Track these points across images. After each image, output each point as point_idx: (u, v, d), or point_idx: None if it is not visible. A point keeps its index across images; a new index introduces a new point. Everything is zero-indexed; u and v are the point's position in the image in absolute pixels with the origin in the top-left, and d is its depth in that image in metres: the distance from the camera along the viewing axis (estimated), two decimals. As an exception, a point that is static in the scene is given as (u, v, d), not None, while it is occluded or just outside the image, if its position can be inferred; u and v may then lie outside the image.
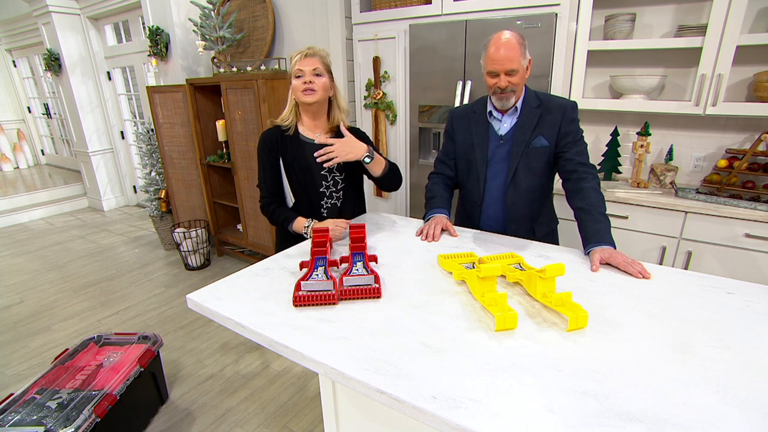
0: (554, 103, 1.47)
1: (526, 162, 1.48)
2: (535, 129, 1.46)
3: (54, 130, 6.79)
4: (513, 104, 1.46)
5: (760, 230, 1.79)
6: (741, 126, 2.10)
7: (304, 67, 1.43)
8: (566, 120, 1.45)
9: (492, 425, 0.65)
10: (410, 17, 2.49)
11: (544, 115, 1.46)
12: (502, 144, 1.52)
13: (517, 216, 1.55)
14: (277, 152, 1.55)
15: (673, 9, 2.12)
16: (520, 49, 1.35)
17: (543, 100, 1.48)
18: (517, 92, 1.42)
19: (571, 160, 1.44)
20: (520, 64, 1.36)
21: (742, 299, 1.01)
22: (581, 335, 0.88)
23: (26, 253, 3.91)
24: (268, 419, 1.88)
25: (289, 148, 1.54)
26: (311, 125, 1.56)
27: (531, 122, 1.46)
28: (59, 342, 2.49)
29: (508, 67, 1.35)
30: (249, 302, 1.05)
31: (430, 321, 0.94)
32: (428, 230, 1.45)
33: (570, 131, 1.46)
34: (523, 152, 1.47)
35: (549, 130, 1.46)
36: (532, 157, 1.48)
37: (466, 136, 1.58)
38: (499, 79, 1.38)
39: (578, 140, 1.47)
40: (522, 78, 1.40)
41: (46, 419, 1.46)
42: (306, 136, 1.56)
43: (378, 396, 0.74)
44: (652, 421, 0.66)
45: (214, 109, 3.38)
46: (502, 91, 1.40)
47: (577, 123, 1.48)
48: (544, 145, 1.47)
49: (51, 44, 4.63)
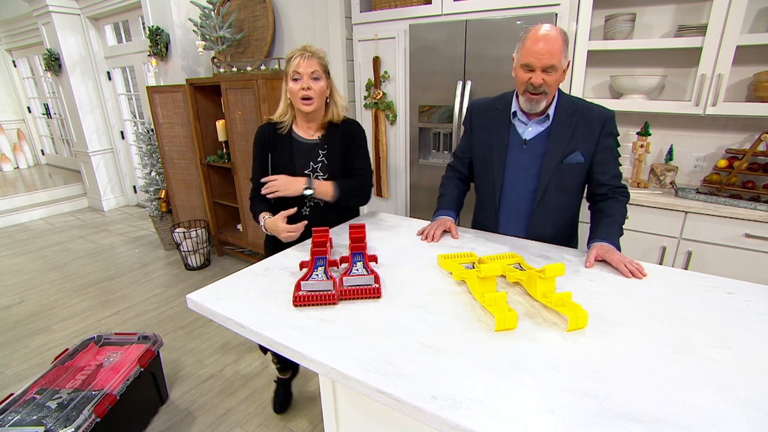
0: (593, 113, 1.32)
1: (558, 179, 1.33)
2: (571, 141, 1.31)
3: (54, 130, 6.79)
4: (543, 109, 1.31)
5: (760, 230, 1.79)
6: (741, 126, 2.10)
7: (303, 70, 1.41)
8: (605, 134, 1.32)
9: (492, 425, 0.65)
10: (410, 17, 2.49)
11: (581, 126, 1.31)
12: (525, 150, 1.36)
13: (541, 235, 1.41)
14: (267, 148, 1.57)
15: (673, 9, 2.12)
16: (563, 45, 1.20)
17: (579, 107, 1.33)
18: (549, 95, 1.27)
19: (607, 185, 1.34)
20: (560, 61, 1.21)
21: (742, 299, 1.01)
22: (581, 335, 0.88)
23: (26, 253, 3.91)
24: (268, 419, 1.88)
25: (278, 146, 1.55)
26: (305, 125, 1.57)
27: (566, 132, 1.31)
28: (59, 342, 2.49)
29: (547, 62, 1.20)
30: (249, 302, 1.05)
31: (430, 321, 0.94)
32: (429, 231, 1.43)
33: (607, 146, 1.33)
34: (557, 168, 1.32)
35: (586, 145, 1.32)
36: (566, 174, 1.33)
37: (485, 134, 1.44)
38: (534, 74, 1.22)
39: (615, 159, 1.35)
40: (558, 80, 1.25)
41: (46, 419, 1.46)
42: (298, 134, 1.57)
43: (378, 396, 0.74)
44: (652, 421, 0.66)
45: (214, 109, 3.38)
46: (534, 91, 1.25)
47: (615, 137, 1.35)
48: (580, 162, 1.33)
49: (51, 44, 4.63)
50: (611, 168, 1.35)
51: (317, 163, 1.56)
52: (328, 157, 1.56)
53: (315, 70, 1.42)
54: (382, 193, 2.97)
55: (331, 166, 1.57)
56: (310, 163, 1.56)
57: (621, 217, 1.32)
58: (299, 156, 1.55)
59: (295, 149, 1.55)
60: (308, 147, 1.56)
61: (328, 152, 1.56)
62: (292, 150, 1.55)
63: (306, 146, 1.56)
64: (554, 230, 1.41)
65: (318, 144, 1.56)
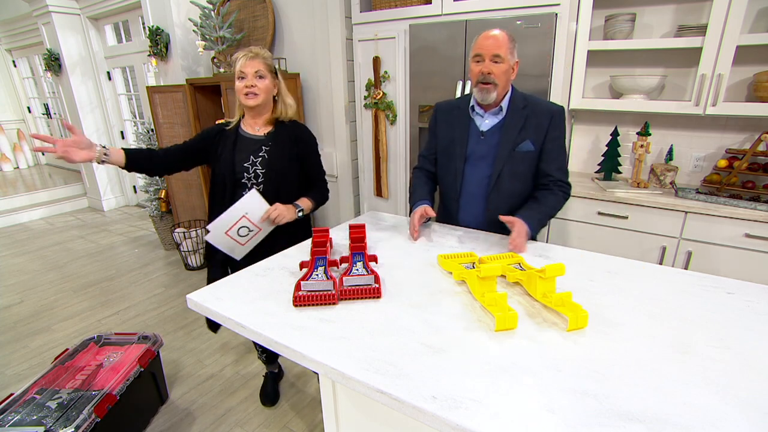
0: (542, 107, 1.45)
1: (511, 166, 1.47)
2: (522, 131, 1.44)
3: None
4: (495, 101, 1.43)
5: (760, 230, 1.79)
6: (741, 126, 2.10)
7: (246, 69, 1.51)
8: (553, 125, 1.44)
9: (492, 425, 0.65)
10: (410, 17, 2.49)
11: (531, 118, 1.44)
12: (482, 140, 1.50)
13: (496, 220, 1.48)
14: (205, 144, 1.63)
15: (673, 9, 2.12)
16: (508, 43, 1.37)
17: (530, 101, 1.46)
18: (499, 87, 1.40)
19: (550, 176, 1.47)
20: (506, 55, 1.36)
21: (742, 299, 1.01)
22: (581, 335, 0.88)
23: (26, 253, 3.91)
24: (267, 419, 1.88)
25: (222, 141, 1.62)
26: (252, 121, 1.64)
27: (517, 123, 1.44)
28: (59, 342, 2.49)
29: (494, 51, 1.35)
30: (249, 302, 1.05)
31: (430, 321, 0.94)
32: (410, 228, 1.47)
33: (555, 138, 1.45)
34: (509, 155, 1.46)
35: (536, 135, 1.44)
36: (518, 161, 1.46)
37: (447, 130, 1.57)
38: (484, 64, 1.37)
39: (561, 152, 1.48)
40: (505, 73, 1.39)
41: (46, 419, 1.46)
42: (245, 130, 1.64)
43: (378, 396, 0.74)
44: (652, 421, 0.66)
45: (214, 109, 3.38)
46: (484, 80, 1.38)
47: (563, 132, 1.47)
48: (530, 150, 1.45)
49: (51, 44, 4.63)
50: (556, 160, 1.46)
51: (258, 158, 1.60)
52: (271, 153, 1.60)
53: (258, 69, 1.52)
54: (382, 193, 2.97)
55: (272, 162, 1.59)
56: (251, 156, 1.60)
57: (548, 208, 1.44)
58: (241, 149, 1.60)
59: (238, 143, 1.61)
60: (252, 142, 1.62)
61: (271, 148, 1.61)
62: (236, 144, 1.60)
63: (250, 141, 1.62)
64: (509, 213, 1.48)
65: (262, 140, 1.62)
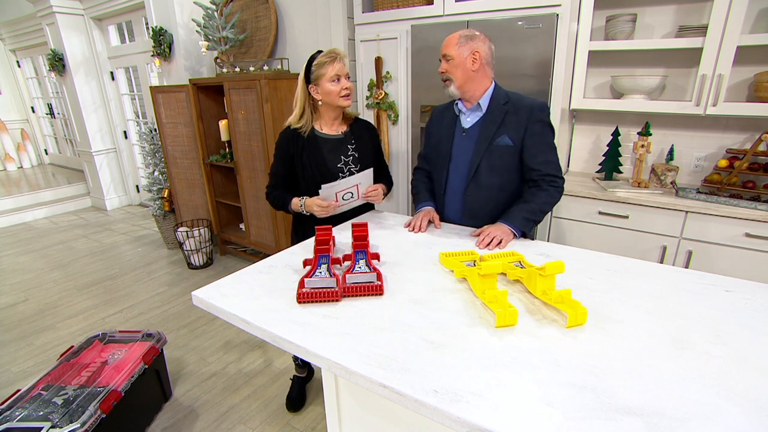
0: (523, 103, 1.49)
1: (488, 159, 1.51)
2: (500, 127, 1.49)
3: (57, 130, 6.83)
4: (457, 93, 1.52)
5: (761, 230, 1.80)
6: (742, 126, 2.11)
7: (341, 72, 1.53)
8: (532, 120, 1.47)
9: (492, 418, 0.67)
10: (412, 18, 2.51)
11: (511, 114, 1.49)
12: (465, 137, 1.57)
13: (475, 212, 1.58)
14: (293, 152, 1.63)
15: (674, 9, 2.13)
16: (457, 39, 1.47)
17: (512, 99, 1.51)
18: (456, 82, 1.49)
19: (536, 171, 1.49)
20: (454, 51, 1.46)
21: (740, 297, 1.02)
22: (580, 331, 0.89)
23: (30, 252, 3.94)
24: (270, 416, 1.89)
25: (306, 146, 1.61)
26: (331, 123, 1.65)
27: (496, 119, 1.50)
28: (64, 340, 2.51)
29: (443, 52, 1.50)
30: (253, 299, 1.06)
31: (432, 317, 0.96)
32: (415, 222, 1.56)
33: (536, 132, 1.47)
34: (486, 149, 1.51)
35: (514, 130, 1.48)
36: (495, 155, 1.51)
37: (438, 129, 1.66)
38: (441, 65, 1.52)
39: (546, 145, 1.49)
40: (458, 67, 1.47)
41: (52, 415, 1.48)
42: (323, 132, 1.64)
43: (381, 390, 0.76)
44: (649, 414, 0.67)
45: (217, 109, 3.40)
46: (443, 78, 1.52)
47: (545, 125, 1.49)
48: (508, 144, 1.49)
49: (55, 44, 4.66)
50: (540, 154, 1.48)
51: (348, 157, 1.65)
52: (358, 150, 1.66)
53: (347, 72, 1.56)
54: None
55: (362, 159, 1.67)
56: (341, 157, 1.64)
57: (537, 204, 1.47)
58: (328, 151, 1.63)
59: (323, 146, 1.62)
60: (335, 142, 1.64)
61: (356, 146, 1.67)
62: (321, 148, 1.62)
63: (333, 142, 1.64)
64: (489, 209, 1.57)
65: (344, 138, 1.66)
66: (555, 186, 1.49)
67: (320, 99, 1.57)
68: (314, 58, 1.55)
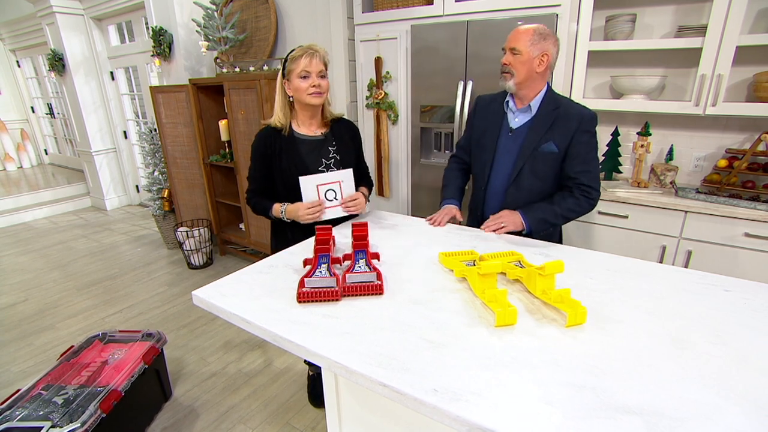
0: (573, 111, 1.46)
1: (532, 164, 1.50)
2: (548, 132, 1.47)
3: (57, 130, 6.83)
4: (513, 89, 1.49)
5: (760, 229, 1.81)
6: (741, 126, 2.11)
7: (311, 68, 1.45)
8: (581, 131, 1.45)
9: (491, 417, 0.67)
10: (412, 18, 2.51)
11: (560, 121, 1.46)
12: (511, 137, 1.55)
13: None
14: (271, 153, 1.56)
15: (674, 9, 2.14)
16: (531, 35, 1.41)
17: (562, 104, 1.48)
18: (516, 77, 1.45)
19: (573, 179, 1.47)
20: (524, 47, 1.41)
21: (739, 296, 1.02)
22: (580, 331, 0.90)
23: (30, 252, 3.94)
24: (270, 416, 1.89)
25: (285, 148, 1.55)
26: (309, 122, 1.58)
27: (545, 124, 1.47)
28: (63, 340, 2.52)
29: (512, 44, 1.44)
30: (253, 299, 1.07)
31: (432, 317, 0.96)
32: (437, 218, 1.60)
33: (582, 142, 1.45)
34: (531, 154, 1.49)
35: (561, 138, 1.46)
36: (539, 161, 1.49)
37: (482, 122, 1.64)
38: (505, 56, 1.47)
39: (589, 158, 1.47)
40: (524, 64, 1.43)
41: (52, 414, 1.48)
42: (301, 133, 1.58)
43: (381, 389, 0.76)
44: (649, 413, 0.67)
45: (217, 109, 3.40)
46: (503, 69, 1.48)
47: (593, 137, 1.47)
48: (553, 151, 1.47)
49: (55, 44, 4.66)
50: (581, 163, 1.47)
51: (329, 159, 1.59)
52: (339, 152, 1.60)
53: (321, 69, 1.48)
54: (383, 193, 2.99)
55: (344, 162, 1.60)
56: (322, 159, 1.58)
57: (561, 208, 1.48)
58: (308, 153, 1.56)
59: (302, 148, 1.56)
60: (315, 144, 1.58)
61: (338, 147, 1.60)
62: (299, 149, 1.56)
63: (313, 143, 1.58)
64: None
65: (324, 140, 1.59)
66: (587, 196, 1.48)
67: (291, 95, 1.51)
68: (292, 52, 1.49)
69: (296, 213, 1.50)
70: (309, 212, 1.48)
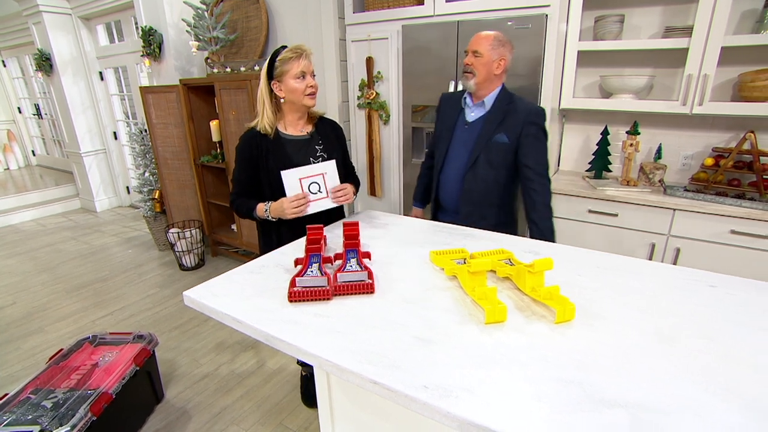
0: (522, 106, 1.64)
1: (487, 154, 1.65)
2: (500, 125, 1.63)
3: (45, 131, 6.74)
4: (476, 93, 1.64)
5: (745, 227, 1.84)
6: (727, 125, 2.15)
7: (307, 69, 1.47)
8: (527, 122, 1.60)
9: (481, 413, 0.68)
10: (403, 18, 2.51)
11: (511, 114, 1.62)
12: (467, 129, 1.71)
13: (471, 200, 1.71)
14: (258, 155, 1.55)
15: (661, 10, 2.17)
16: (491, 40, 1.57)
17: (515, 101, 1.64)
18: (477, 77, 1.60)
19: (529, 169, 1.63)
20: (485, 50, 1.57)
21: (724, 292, 1.04)
22: (568, 327, 0.91)
23: (17, 255, 3.88)
24: (263, 417, 1.89)
25: (271, 150, 1.54)
26: (296, 123, 1.59)
27: (497, 118, 1.63)
28: (52, 343, 2.48)
29: (474, 47, 1.59)
30: (245, 299, 1.06)
31: (423, 315, 0.96)
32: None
33: (530, 134, 1.61)
34: (486, 144, 1.65)
35: (511, 130, 1.62)
36: (493, 151, 1.65)
37: (444, 117, 1.80)
38: (467, 57, 1.62)
39: (538, 147, 1.63)
40: (484, 66, 1.58)
41: (41, 418, 1.46)
42: (287, 133, 1.58)
43: (372, 386, 0.76)
44: (634, 407, 0.68)
45: (208, 109, 3.38)
46: (464, 69, 1.63)
47: (539, 129, 1.63)
48: (504, 142, 1.63)
49: (42, 44, 4.59)
50: (533, 154, 1.63)
51: (317, 158, 1.58)
52: (326, 150, 1.61)
53: (313, 69, 1.51)
54: (375, 192, 2.99)
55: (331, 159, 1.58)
56: (310, 158, 1.58)
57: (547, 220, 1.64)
58: (295, 153, 1.56)
59: (289, 148, 1.56)
60: (302, 143, 1.58)
61: (324, 146, 1.61)
62: (287, 149, 1.56)
63: (299, 143, 1.58)
64: (481, 199, 1.70)
65: (310, 139, 1.60)
66: (546, 189, 1.64)
67: (283, 96, 1.50)
68: (278, 53, 1.47)
69: (281, 208, 1.48)
70: (293, 206, 1.45)
